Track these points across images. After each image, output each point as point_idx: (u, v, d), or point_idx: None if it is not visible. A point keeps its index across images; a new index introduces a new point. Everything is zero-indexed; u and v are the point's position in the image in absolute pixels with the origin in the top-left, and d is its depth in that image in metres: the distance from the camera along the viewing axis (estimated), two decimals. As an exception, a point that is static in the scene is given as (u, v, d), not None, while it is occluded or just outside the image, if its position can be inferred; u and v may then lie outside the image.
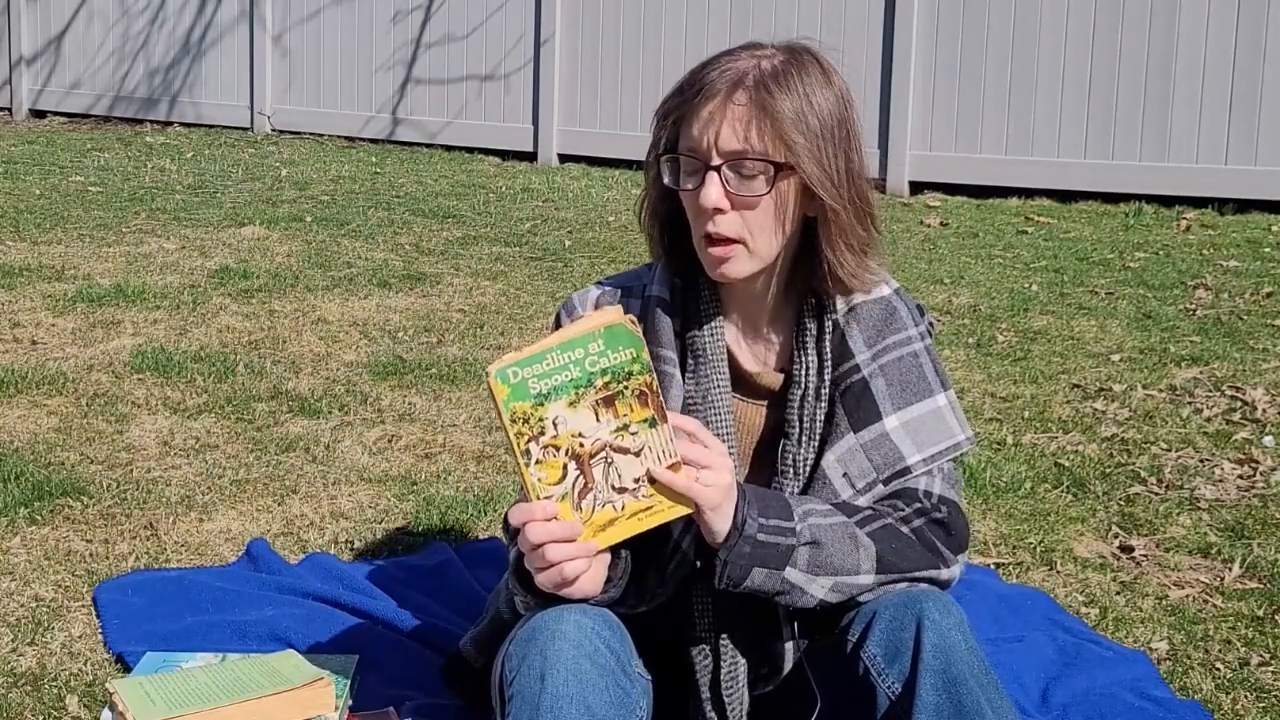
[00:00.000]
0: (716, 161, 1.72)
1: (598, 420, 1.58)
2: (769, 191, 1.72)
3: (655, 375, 1.59)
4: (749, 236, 1.75)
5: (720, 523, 1.65)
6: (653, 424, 1.59)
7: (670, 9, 8.24)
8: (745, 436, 1.87)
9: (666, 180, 1.78)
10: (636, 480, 1.60)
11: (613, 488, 1.60)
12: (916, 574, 1.77)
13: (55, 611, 2.53)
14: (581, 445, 1.58)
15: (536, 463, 1.58)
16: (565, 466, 1.58)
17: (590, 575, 1.63)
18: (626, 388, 1.58)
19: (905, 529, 1.77)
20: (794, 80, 1.72)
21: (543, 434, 1.57)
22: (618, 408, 1.58)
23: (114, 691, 2.05)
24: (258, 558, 2.75)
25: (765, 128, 1.71)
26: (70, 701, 2.21)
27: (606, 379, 1.57)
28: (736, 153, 1.71)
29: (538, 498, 1.58)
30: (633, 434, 1.59)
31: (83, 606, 2.55)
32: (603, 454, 1.59)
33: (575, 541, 1.59)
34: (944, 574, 1.80)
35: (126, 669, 2.31)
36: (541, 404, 1.56)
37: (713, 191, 1.72)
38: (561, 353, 1.56)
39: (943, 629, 1.68)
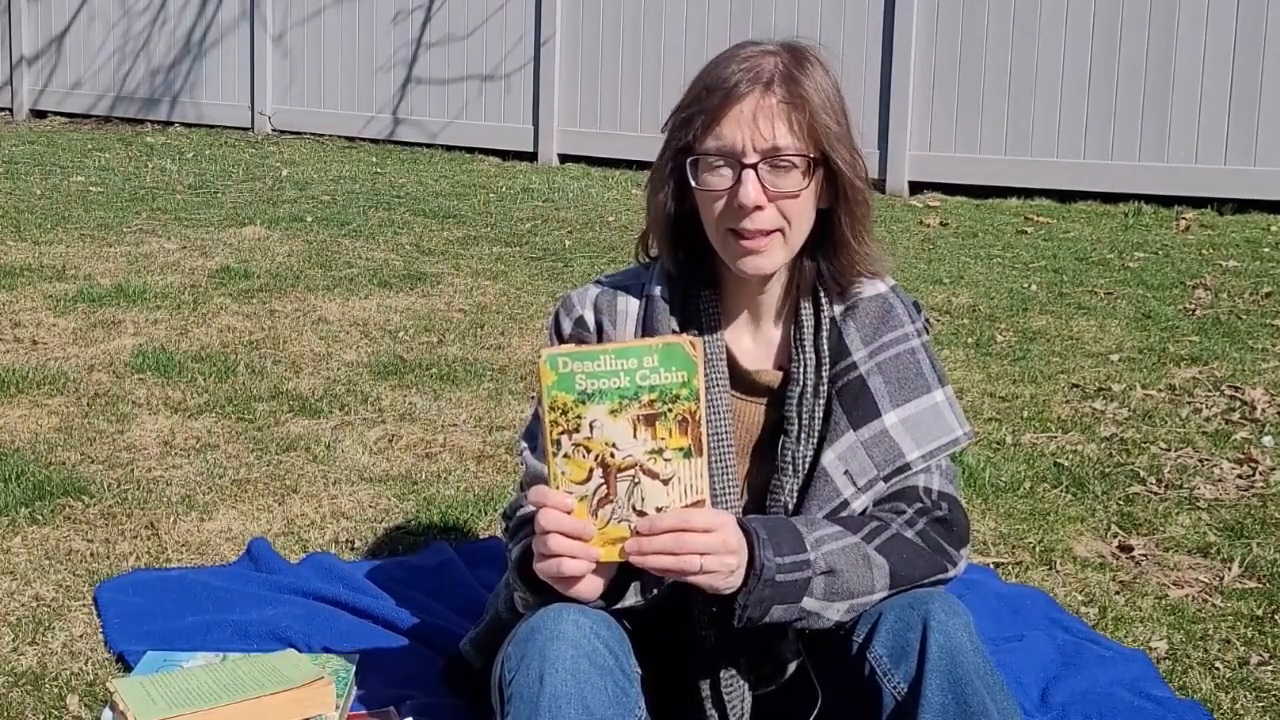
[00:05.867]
0: (753, 159, 1.73)
1: (634, 436, 1.57)
2: (807, 185, 1.75)
3: (702, 408, 1.57)
4: (787, 226, 1.77)
5: (733, 586, 1.65)
6: (688, 454, 1.58)
7: (670, 9, 8.24)
8: (744, 434, 1.88)
9: (695, 183, 1.77)
10: (659, 509, 1.58)
11: (633, 508, 1.58)
12: (925, 581, 1.78)
13: (56, 611, 2.53)
14: (612, 456, 1.57)
15: (564, 457, 1.57)
16: (591, 471, 1.57)
17: (588, 580, 1.62)
18: (670, 410, 1.56)
19: (911, 533, 1.78)
20: (812, 75, 1.76)
21: (577, 431, 1.56)
22: (657, 429, 1.57)
23: (115, 691, 2.05)
24: (258, 557, 2.75)
25: (800, 123, 1.74)
26: (71, 701, 2.22)
27: (653, 396, 1.56)
28: (773, 149, 1.73)
29: (557, 489, 1.58)
30: (666, 460, 1.57)
31: (83, 606, 2.55)
32: (631, 472, 1.57)
33: (582, 542, 1.59)
34: (951, 573, 1.81)
35: (127, 668, 2.32)
36: (583, 402, 1.56)
37: (751, 189, 1.73)
38: (615, 358, 1.56)
39: (949, 630, 1.68)
